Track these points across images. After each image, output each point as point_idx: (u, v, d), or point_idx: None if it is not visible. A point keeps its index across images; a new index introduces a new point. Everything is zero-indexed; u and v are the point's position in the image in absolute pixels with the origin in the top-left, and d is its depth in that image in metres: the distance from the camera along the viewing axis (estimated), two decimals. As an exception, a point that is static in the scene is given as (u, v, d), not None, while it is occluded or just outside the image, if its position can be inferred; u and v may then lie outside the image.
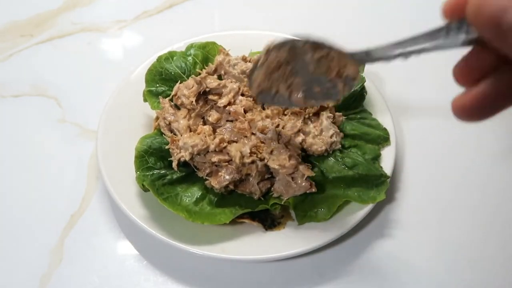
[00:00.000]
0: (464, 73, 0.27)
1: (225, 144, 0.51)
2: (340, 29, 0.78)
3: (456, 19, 0.26)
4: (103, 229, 0.54)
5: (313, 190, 0.51)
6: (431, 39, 0.28)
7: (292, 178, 0.51)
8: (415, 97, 0.65)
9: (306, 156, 0.53)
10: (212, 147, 0.51)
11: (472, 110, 0.27)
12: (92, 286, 0.50)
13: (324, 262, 0.51)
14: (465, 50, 0.29)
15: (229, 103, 0.54)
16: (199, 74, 0.57)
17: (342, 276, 0.50)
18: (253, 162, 0.51)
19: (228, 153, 0.51)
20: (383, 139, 0.56)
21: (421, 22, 0.77)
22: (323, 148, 0.52)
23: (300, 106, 0.46)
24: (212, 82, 0.54)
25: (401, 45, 0.31)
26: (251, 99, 0.55)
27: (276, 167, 0.50)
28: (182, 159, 0.51)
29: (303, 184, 0.51)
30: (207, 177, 0.52)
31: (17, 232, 0.54)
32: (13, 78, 0.71)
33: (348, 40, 0.75)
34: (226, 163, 0.51)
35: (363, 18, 0.80)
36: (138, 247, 0.53)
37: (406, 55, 0.31)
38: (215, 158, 0.51)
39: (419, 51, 0.30)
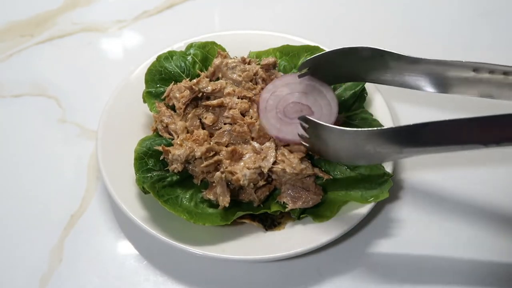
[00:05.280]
0: None
1: (212, 153, 0.50)
2: (340, 29, 0.78)
3: None
4: (103, 229, 0.54)
5: (319, 200, 0.51)
6: None
7: (304, 186, 0.50)
8: (415, 97, 0.65)
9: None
10: (198, 154, 0.50)
11: None
12: (92, 286, 0.50)
13: (324, 262, 0.51)
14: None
15: (223, 104, 0.54)
16: (199, 75, 0.57)
17: (342, 275, 0.50)
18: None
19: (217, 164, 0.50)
20: (383, 139, 0.55)
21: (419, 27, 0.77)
22: None
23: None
24: (207, 87, 0.54)
25: None
26: (247, 100, 0.54)
27: (288, 170, 0.49)
28: (175, 171, 0.51)
29: (314, 196, 0.50)
30: (202, 190, 0.52)
31: (17, 232, 0.54)
32: (13, 78, 0.70)
33: (348, 39, 0.75)
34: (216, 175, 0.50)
35: (364, 18, 0.80)
36: (138, 247, 0.53)
37: None
38: (202, 165, 0.50)
39: None
